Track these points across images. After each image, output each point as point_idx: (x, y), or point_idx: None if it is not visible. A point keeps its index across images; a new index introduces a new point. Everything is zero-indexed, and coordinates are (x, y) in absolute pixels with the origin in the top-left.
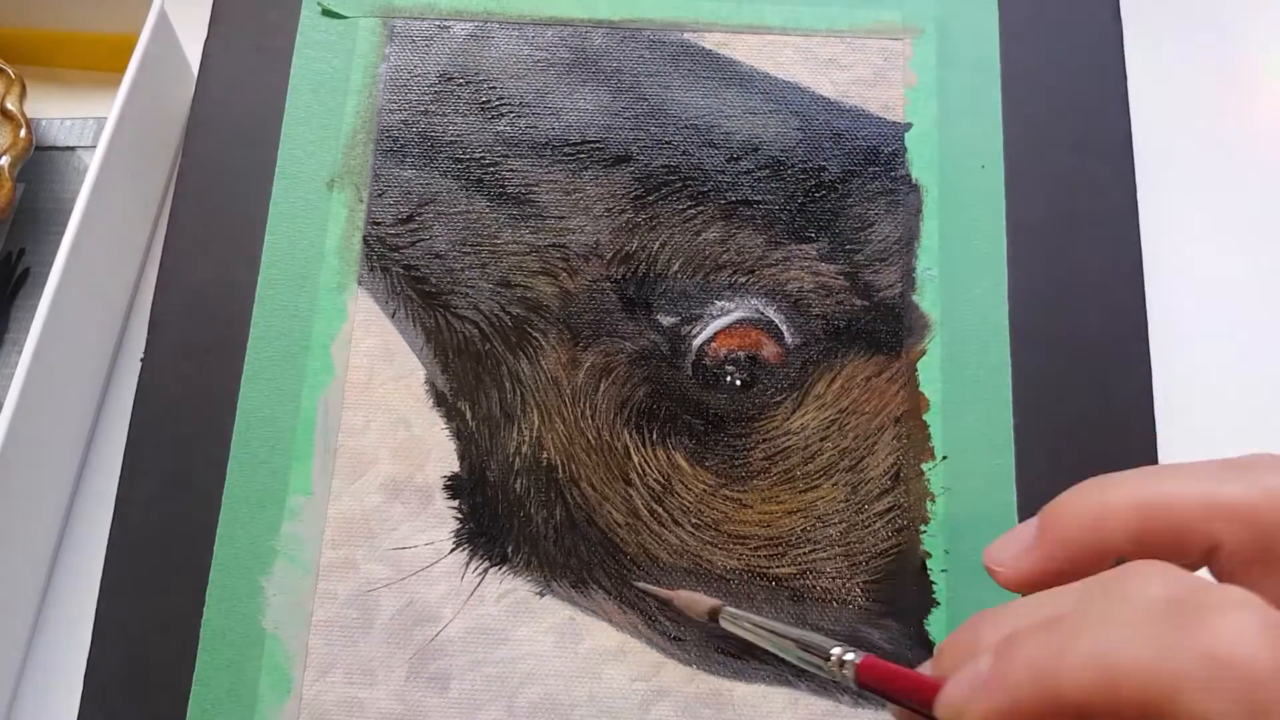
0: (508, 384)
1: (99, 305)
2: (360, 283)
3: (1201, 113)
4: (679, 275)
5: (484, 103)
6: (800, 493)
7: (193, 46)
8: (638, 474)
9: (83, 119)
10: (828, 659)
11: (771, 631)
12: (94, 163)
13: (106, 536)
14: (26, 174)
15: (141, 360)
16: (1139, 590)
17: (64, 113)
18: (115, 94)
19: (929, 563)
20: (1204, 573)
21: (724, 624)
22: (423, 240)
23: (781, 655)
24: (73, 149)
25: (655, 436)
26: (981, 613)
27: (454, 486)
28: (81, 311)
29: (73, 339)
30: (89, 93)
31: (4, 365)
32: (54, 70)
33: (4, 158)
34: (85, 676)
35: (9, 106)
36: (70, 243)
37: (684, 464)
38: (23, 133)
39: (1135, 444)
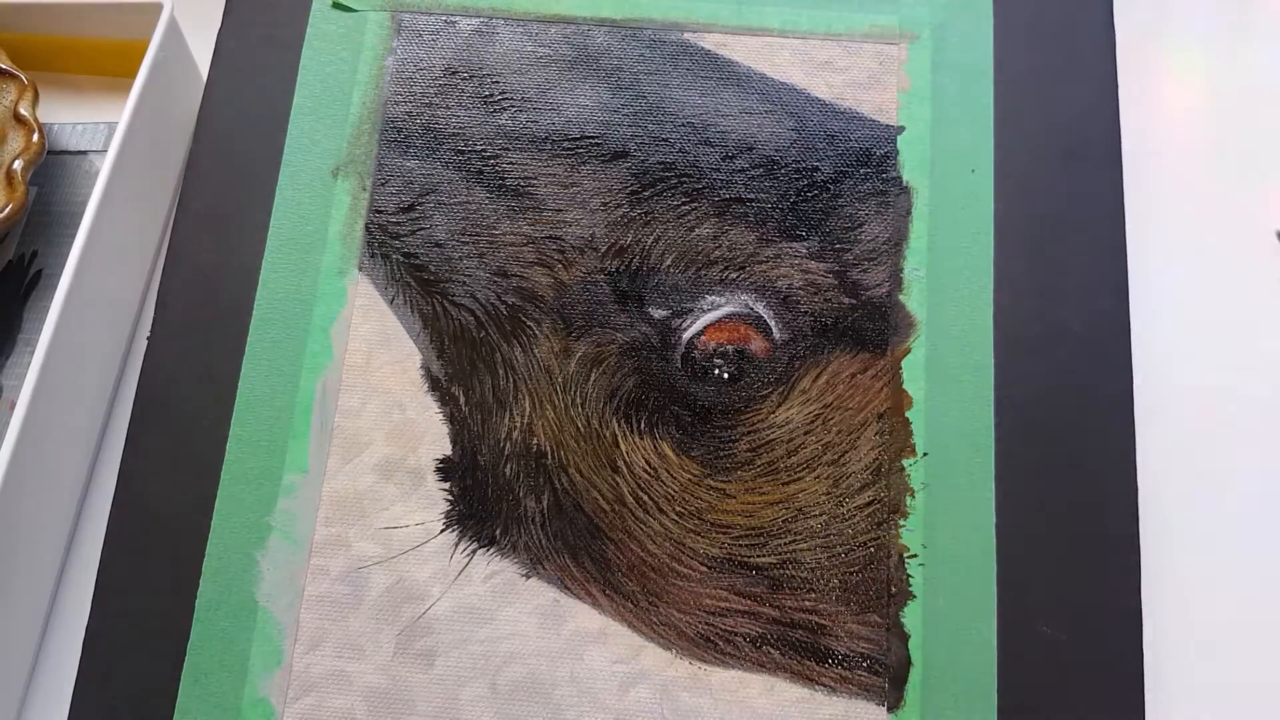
0: (501, 371)
1: (110, 306)
2: (361, 269)
3: (1191, 122)
4: (671, 270)
5: (487, 97)
6: (783, 485)
7: (202, 52)
8: (625, 462)
9: (94, 124)
10: None
11: None
12: (105, 167)
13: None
14: (39, 178)
15: (148, 338)
16: None
17: (76, 118)
18: (126, 99)
19: (907, 556)
20: None
21: None
22: (423, 229)
23: None
24: (84, 153)
25: (643, 426)
26: None
27: (446, 469)
28: (93, 313)
29: (84, 339)
30: (100, 98)
31: (17, 365)
32: (66, 76)
33: (17, 162)
34: (84, 643)
35: (22, 111)
36: (82, 245)
37: (670, 453)
38: (35, 137)
39: (1114, 446)
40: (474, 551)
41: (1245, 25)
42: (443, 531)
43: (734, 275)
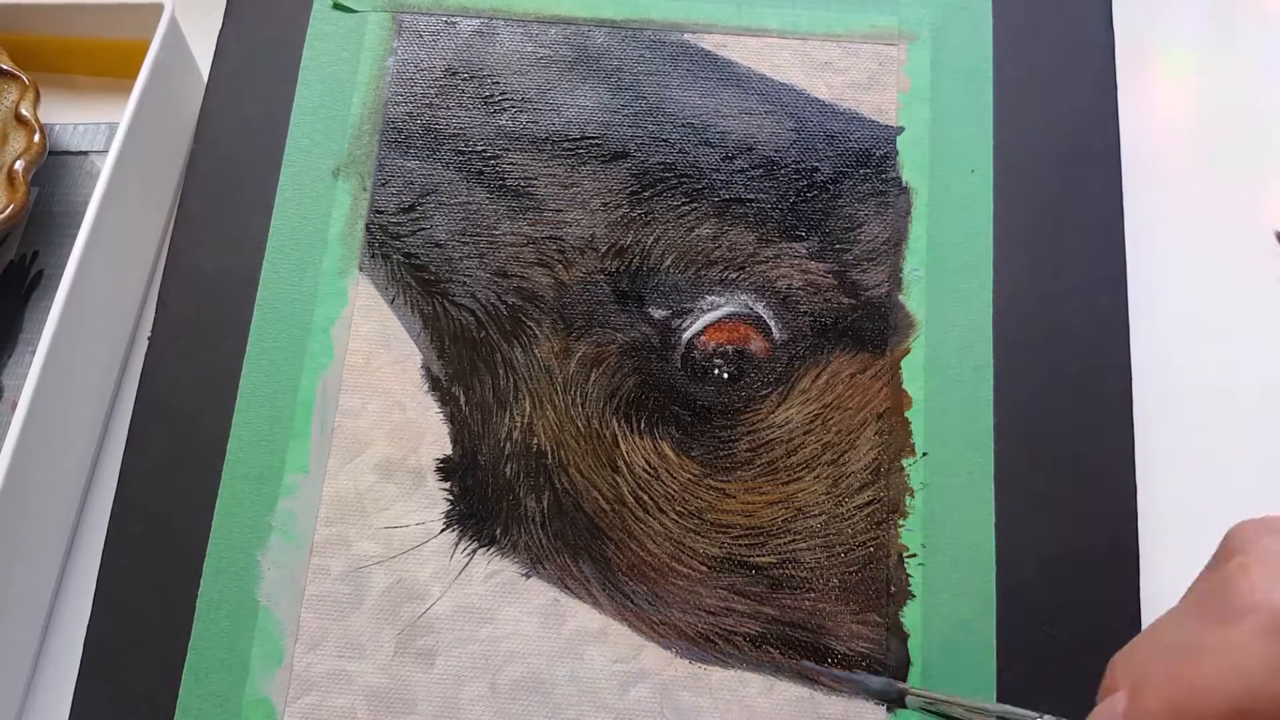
0: (501, 371)
1: (111, 307)
2: (361, 269)
3: (1190, 122)
4: (671, 270)
5: (487, 97)
6: (783, 484)
7: (203, 53)
8: (625, 462)
9: (95, 124)
10: None
11: (963, 706)
12: (106, 167)
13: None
14: (40, 178)
15: (148, 338)
16: (1248, 600)
17: (77, 118)
18: (127, 100)
19: (906, 556)
20: None
21: (910, 704)
22: (423, 229)
23: None
24: (85, 154)
25: (643, 426)
26: (1115, 656)
27: (446, 469)
28: (94, 313)
29: (85, 340)
30: (101, 99)
31: (18, 365)
32: (67, 76)
33: (18, 162)
34: (85, 641)
35: (23, 112)
36: (83, 246)
37: (670, 453)
38: (36, 138)
39: (1114, 446)
40: (474, 551)
41: (1244, 25)
42: (443, 531)
43: (734, 275)
